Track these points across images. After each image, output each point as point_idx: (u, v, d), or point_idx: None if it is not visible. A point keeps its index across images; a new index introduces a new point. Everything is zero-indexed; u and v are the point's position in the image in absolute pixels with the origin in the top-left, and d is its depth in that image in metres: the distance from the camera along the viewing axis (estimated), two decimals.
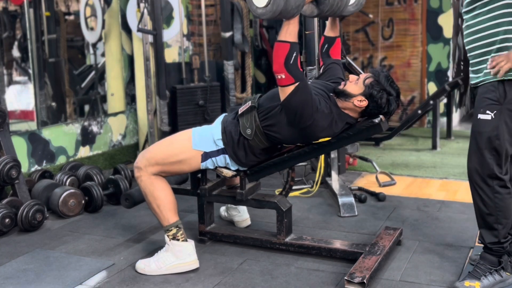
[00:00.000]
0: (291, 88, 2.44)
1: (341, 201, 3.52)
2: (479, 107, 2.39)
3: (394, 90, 2.62)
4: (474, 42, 2.39)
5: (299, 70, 2.45)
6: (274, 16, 2.33)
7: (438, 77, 6.36)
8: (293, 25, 2.41)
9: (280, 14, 2.32)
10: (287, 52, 2.39)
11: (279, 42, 2.41)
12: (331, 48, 2.97)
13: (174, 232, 2.69)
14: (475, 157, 2.38)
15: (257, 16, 2.41)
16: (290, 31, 2.40)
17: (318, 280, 2.57)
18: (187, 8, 5.64)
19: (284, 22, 2.42)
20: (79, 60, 4.85)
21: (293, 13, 2.35)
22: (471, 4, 2.37)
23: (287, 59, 2.40)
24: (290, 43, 2.40)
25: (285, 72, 2.41)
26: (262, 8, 2.34)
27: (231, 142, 2.68)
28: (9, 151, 3.45)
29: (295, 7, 2.32)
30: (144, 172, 2.71)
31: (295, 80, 2.43)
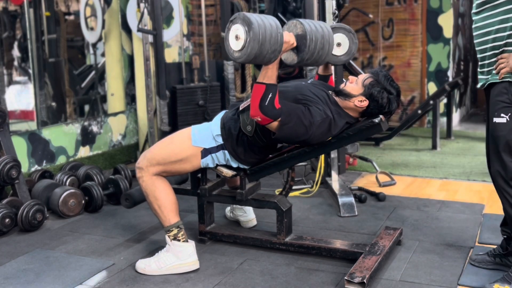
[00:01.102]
0: (275, 124, 2.49)
1: (341, 201, 3.52)
2: (493, 111, 2.36)
3: (394, 89, 2.62)
4: (483, 44, 2.37)
5: (276, 108, 2.44)
6: (249, 60, 2.33)
7: (438, 77, 6.37)
8: (272, 70, 2.42)
9: (255, 59, 2.32)
10: (262, 94, 2.41)
11: (256, 83, 2.44)
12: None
13: (175, 232, 2.69)
14: (496, 161, 2.36)
15: (233, 60, 2.41)
16: (269, 75, 2.42)
17: (318, 280, 2.57)
18: (187, 8, 5.65)
19: (263, 67, 2.43)
20: (79, 60, 4.85)
21: (269, 58, 2.35)
22: (480, 5, 2.36)
23: (261, 100, 2.42)
24: (266, 85, 2.41)
25: (261, 115, 2.44)
26: (238, 51, 2.34)
27: (230, 138, 2.68)
28: (9, 151, 3.45)
29: (271, 52, 2.32)
30: (145, 173, 2.72)
31: (273, 119, 2.46)
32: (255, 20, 2.27)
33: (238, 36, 2.31)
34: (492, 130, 2.37)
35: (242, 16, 2.30)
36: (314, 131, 2.54)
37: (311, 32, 2.44)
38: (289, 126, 2.49)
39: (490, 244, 2.91)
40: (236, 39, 2.32)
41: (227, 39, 2.37)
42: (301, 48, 2.47)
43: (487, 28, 2.35)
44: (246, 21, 2.28)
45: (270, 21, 2.32)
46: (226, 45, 2.39)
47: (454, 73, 6.55)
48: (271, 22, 2.32)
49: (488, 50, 2.37)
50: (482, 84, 2.45)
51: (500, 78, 2.30)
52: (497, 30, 2.32)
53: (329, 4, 3.76)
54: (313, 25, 2.47)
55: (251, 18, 2.27)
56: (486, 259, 2.64)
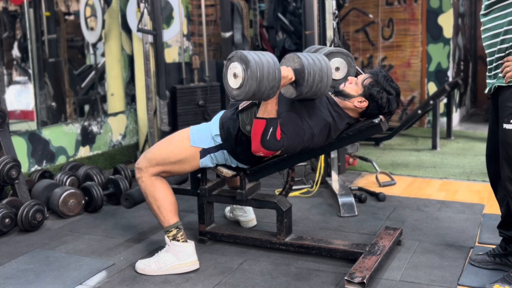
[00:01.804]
0: (278, 153, 2.52)
1: (341, 201, 3.52)
2: (502, 116, 2.31)
3: (394, 89, 2.62)
4: (491, 46, 2.34)
5: (278, 141, 2.46)
6: (247, 98, 2.35)
7: (438, 77, 6.37)
8: (271, 105, 2.44)
9: (253, 96, 2.34)
10: (263, 129, 2.44)
11: (257, 119, 2.47)
12: None
13: (174, 233, 2.69)
14: (508, 167, 2.34)
15: (232, 98, 2.42)
16: (268, 110, 2.44)
17: (318, 280, 2.57)
18: (187, 8, 5.65)
19: (262, 102, 2.45)
20: (79, 60, 4.85)
21: (268, 95, 2.37)
22: (489, 7, 2.33)
23: (263, 135, 2.44)
24: (267, 120, 2.44)
25: (263, 150, 2.47)
26: (236, 89, 2.36)
27: (229, 138, 2.68)
28: (9, 151, 3.45)
29: (269, 88, 2.34)
30: (144, 173, 2.72)
31: (276, 151, 2.49)
32: (252, 58, 2.30)
33: (236, 74, 2.34)
34: (502, 136, 2.33)
35: (239, 54, 2.33)
36: (316, 141, 2.58)
37: (309, 66, 2.44)
38: (291, 147, 2.54)
39: (490, 244, 2.91)
40: (234, 77, 2.35)
41: (225, 77, 2.40)
42: (300, 82, 2.47)
43: (496, 30, 2.31)
44: (243, 59, 2.31)
45: (267, 58, 2.35)
46: (224, 83, 2.42)
47: (454, 73, 6.55)
48: (268, 59, 2.35)
49: (496, 53, 2.32)
50: (489, 88, 2.40)
51: (506, 82, 2.25)
52: (505, 31, 2.26)
53: (329, 4, 3.76)
54: (310, 59, 2.48)
55: (248, 56, 2.30)
56: (486, 259, 2.64)
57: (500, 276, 2.45)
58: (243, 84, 2.32)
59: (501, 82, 2.30)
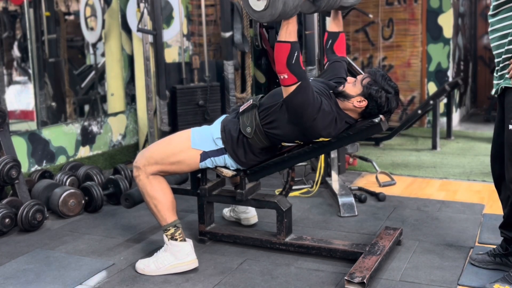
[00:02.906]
0: (294, 87, 2.45)
1: (341, 201, 3.52)
2: (508, 117, 2.31)
3: (392, 88, 2.61)
4: (499, 47, 2.33)
5: (302, 69, 2.45)
6: (273, 19, 2.31)
7: (438, 77, 6.36)
8: (292, 24, 2.40)
9: (279, 17, 2.30)
10: (288, 52, 2.39)
11: (280, 42, 2.41)
12: (335, 44, 2.97)
13: (172, 231, 2.69)
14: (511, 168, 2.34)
15: (255, 19, 2.39)
16: (290, 31, 2.40)
17: (318, 280, 2.57)
18: (187, 8, 5.65)
19: (283, 22, 2.41)
20: (79, 60, 4.85)
21: (291, 14, 2.34)
22: (497, 7, 2.31)
23: (289, 58, 2.40)
24: (291, 43, 2.40)
25: (288, 72, 2.42)
26: (260, 11, 2.31)
27: (230, 141, 2.68)
28: (9, 151, 3.45)
29: (293, 7, 2.30)
30: (142, 172, 2.71)
31: (298, 79, 2.44)
32: None
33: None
34: (507, 137, 2.32)
35: None
36: (319, 118, 2.53)
37: None
38: (303, 95, 2.46)
39: (490, 244, 2.91)
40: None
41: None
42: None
43: (504, 31, 2.29)
44: None
45: None
46: (245, 5, 2.35)
47: (454, 73, 6.55)
48: None
49: (504, 54, 2.30)
50: (495, 90, 2.38)
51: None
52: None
53: None
54: None
55: None
56: (486, 259, 2.64)
57: (500, 276, 2.45)
58: (269, 5, 2.26)
59: (508, 83, 2.29)
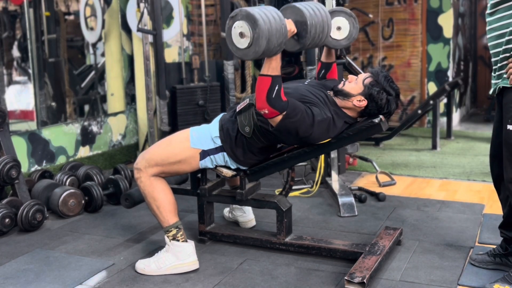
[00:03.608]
0: (279, 118, 2.46)
1: (341, 201, 3.52)
2: (506, 117, 2.30)
3: (394, 90, 2.61)
4: (496, 46, 2.32)
5: (283, 100, 2.43)
6: (257, 57, 2.30)
7: (438, 77, 6.36)
8: (275, 61, 2.39)
9: (263, 54, 2.29)
10: (269, 86, 2.40)
11: (261, 76, 2.42)
12: (328, 73, 2.99)
13: (174, 233, 2.69)
14: (510, 168, 2.33)
15: (239, 57, 2.38)
16: (273, 67, 2.40)
17: (318, 280, 2.57)
18: (187, 8, 5.64)
19: (266, 59, 2.40)
20: (79, 60, 4.85)
21: (275, 52, 2.34)
22: (495, 6, 2.31)
23: (269, 93, 2.40)
24: (272, 77, 2.39)
25: (268, 107, 2.42)
26: (244, 49, 2.30)
27: (228, 140, 2.68)
28: (9, 151, 3.45)
29: (277, 45, 2.29)
30: (143, 173, 2.71)
31: (280, 112, 2.44)
32: (259, 16, 2.22)
33: (243, 34, 2.26)
34: (506, 137, 2.32)
35: (245, 12, 2.25)
36: (315, 130, 2.53)
37: (311, 17, 2.39)
38: (292, 121, 2.48)
39: (490, 244, 2.91)
40: (241, 36, 2.27)
41: (229, 36, 2.31)
42: (302, 34, 2.42)
43: (501, 30, 2.29)
44: (250, 18, 2.23)
45: (272, 14, 2.28)
46: (229, 43, 2.33)
47: (454, 73, 6.55)
48: (274, 15, 2.28)
49: (501, 53, 2.30)
50: (493, 90, 2.38)
51: (511, 83, 2.24)
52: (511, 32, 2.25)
53: (329, 4, 3.76)
54: (311, 9, 2.42)
55: (255, 14, 2.22)
56: (486, 259, 2.64)
57: (500, 276, 2.45)
58: (252, 43, 2.25)
59: (506, 83, 2.29)
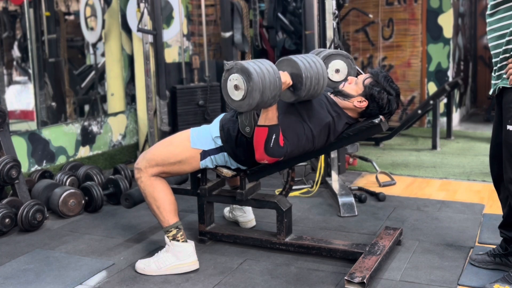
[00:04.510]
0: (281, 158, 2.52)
1: (341, 201, 3.52)
2: (506, 118, 2.30)
3: (394, 90, 2.62)
4: (496, 47, 2.33)
5: (281, 147, 2.47)
6: (251, 109, 2.35)
7: (438, 77, 6.37)
8: (272, 112, 2.44)
9: (257, 106, 2.34)
10: (266, 136, 2.43)
11: (258, 127, 2.46)
12: None
13: (174, 233, 2.69)
14: (510, 168, 2.33)
15: (233, 108, 2.42)
16: (269, 118, 2.44)
17: (318, 280, 2.57)
18: (187, 8, 5.65)
19: (262, 110, 2.44)
20: (79, 60, 4.85)
21: (270, 103, 2.38)
22: (495, 7, 2.31)
23: (266, 143, 2.44)
24: (269, 127, 2.44)
25: (267, 158, 2.47)
26: (238, 101, 2.35)
27: (229, 139, 2.68)
28: (9, 151, 3.45)
29: (272, 97, 2.34)
30: (144, 173, 2.72)
31: (280, 158, 2.49)
32: (253, 70, 2.29)
33: (238, 86, 2.33)
34: (506, 137, 2.32)
35: (239, 66, 2.32)
36: (317, 142, 2.59)
37: (306, 70, 2.44)
38: (294, 152, 2.55)
39: (490, 244, 2.91)
40: (236, 89, 2.34)
41: (225, 88, 2.38)
42: (298, 86, 2.47)
43: (502, 31, 2.29)
44: (244, 71, 2.30)
45: (267, 67, 2.34)
46: (224, 94, 2.40)
47: (454, 73, 6.55)
48: (268, 68, 2.34)
49: (501, 54, 2.30)
50: (493, 90, 2.38)
51: (511, 83, 2.24)
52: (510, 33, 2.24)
53: (329, 4, 3.76)
54: (306, 62, 2.47)
55: (249, 68, 2.29)
56: (486, 259, 2.64)
57: (500, 276, 2.45)
58: (246, 96, 2.32)
59: (505, 83, 2.29)
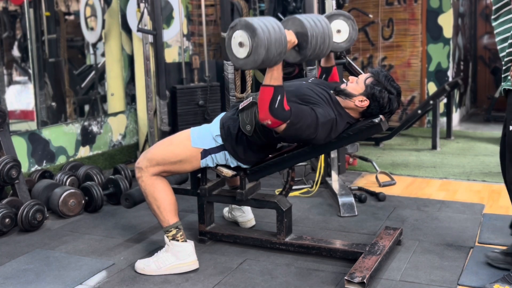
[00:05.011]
0: (283, 127, 2.48)
1: (341, 201, 3.52)
2: (509, 118, 2.32)
3: (395, 89, 2.62)
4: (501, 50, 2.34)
5: (285, 110, 2.44)
6: (256, 67, 2.31)
7: (438, 77, 6.36)
8: (277, 71, 2.41)
9: (262, 64, 2.30)
10: (271, 96, 2.40)
11: (264, 86, 2.43)
12: (329, 77, 3.00)
13: (174, 233, 2.69)
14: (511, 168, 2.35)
15: (239, 67, 2.38)
16: (275, 77, 2.41)
17: (318, 280, 2.57)
18: (187, 8, 5.65)
19: (267, 69, 2.41)
20: (79, 60, 4.85)
21: (275, 61, 2.35)
22: (496, 11, 2.33)
23: (271, 103, 2.41)
24: (274, 87, 2.41)
25: (271, 118, 2.43)
26: (244, 58, 2.32)
27: (229, 137, 2.68)
28: (9, 151, 3.45)
29: (277, 55, 2.31)
30: (144, 173, 2.72)
31: (283, 121, 2.46)
32: (258, 26, 2.24)
33: (242, 43, 2.28)
34: (509, 137, 2.33)
35: (244, 22, 2.27)
36: (319, 133, 2.55)
37: (311, 29, 2.41)
38: (296, 128, 2.49)
39: (490, 244, 2.92)
40: (240, 46, 2.29)
41: (229, 47, 2.34)
42: (303, 45, 2.44)
43: (505, 34, 2.31)
44: (249, 28, 2.25)
45: (272, 24, 2.30)
46: (229, 53, 2.35)
47: (454, 73, 6.55)
48: (274, 25, 2.30)
49: (506, 57, 2.32)
50: (499, 91, 2.41)
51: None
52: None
53: (329, 4, 3.76)
54: (311, 21, 2.44)
55: (254, 24, 2.24)
56: (499, 257, 2.63)
57: (501, 276, 2.45)
58: (251, 52, 2.27)
59: (508, 85, 2.30)
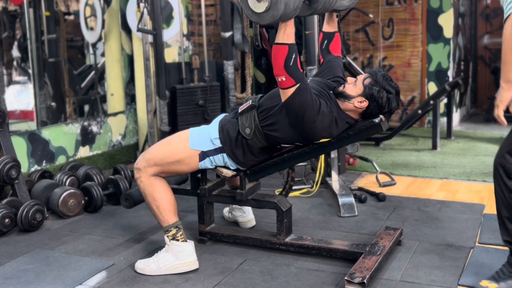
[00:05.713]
0: (292, 90, 2.45)
1: (341, 201, 3.52)
2: None
3: (393, 88, 2.61)
4: None
5: (299, 71, 2.44)
6: (273, 21, 2.30)
7: (438, 77, 6.36)
8: (290, 26, 2.40)
9: (280, 19, 2.30)
10: (286, 54, 2.39)
11: (277, 44, 2.41)
12: (331, 44, 2.96)
13: (174, 232, 2.69)
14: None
15: (254, 21, 2.37)
16: (288, 33, 2.40)
17: (318, 280, 2.57)
18: (187, 8, 5.64)
19: (280, 25, 2.40)
20: (79, 60, 4.85)
21: (291, 16, 2.34)
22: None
23: (286, 61, 2.39)
24: (289, 45, 2.40)
25: (286, 75, 2.41)
26: (261, 13, 2.31)
27: (228, 141, 2.68)
28: (9, 151, 3.45)
29: (293, 9, 2.30)
30: (143, 173, 2.72)
31: (296, 82, 2.43)
32: None
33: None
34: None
35: None
36: (319, 120, 2.53)
37: None
38: (301, 100, 2.46)
39: (491, 244, 2.91)
40: (258, 1, 2.28)
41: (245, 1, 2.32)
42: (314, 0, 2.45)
43: None
44: None
45: None
46: (244, 6, 2.34)
47: (454, 73, 6.55)
48: None
49: None
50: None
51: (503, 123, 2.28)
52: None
53: None
54: None
55: None
56: None
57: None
58: (270, 7, 2.26)
59: None
